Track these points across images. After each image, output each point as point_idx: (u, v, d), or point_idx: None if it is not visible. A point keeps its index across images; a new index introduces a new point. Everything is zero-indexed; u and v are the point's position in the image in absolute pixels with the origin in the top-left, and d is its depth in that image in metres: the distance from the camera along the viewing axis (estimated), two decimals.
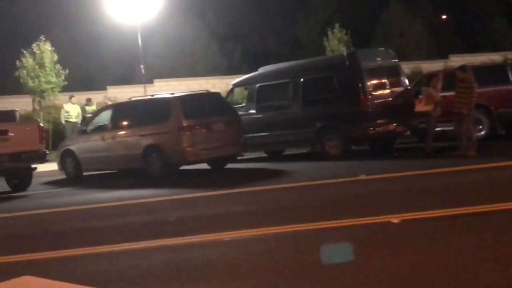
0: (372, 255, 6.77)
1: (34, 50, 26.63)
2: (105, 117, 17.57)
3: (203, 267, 6.96)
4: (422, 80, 18.35)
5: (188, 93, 17.44)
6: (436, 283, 5.59)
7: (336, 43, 31.63)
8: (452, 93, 15.13)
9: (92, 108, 24.72)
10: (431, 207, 8.77)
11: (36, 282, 6.67)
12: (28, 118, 24.05)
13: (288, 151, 18.86)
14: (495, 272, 5.75)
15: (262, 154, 18.84)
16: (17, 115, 17.32)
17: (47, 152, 16.59)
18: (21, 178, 16.35)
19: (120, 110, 17.39)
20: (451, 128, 15.44)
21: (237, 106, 18.20)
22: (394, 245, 7.17)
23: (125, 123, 16.62)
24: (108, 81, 35.40)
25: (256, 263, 6.93)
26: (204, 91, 18.46)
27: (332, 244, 7.04)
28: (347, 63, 16.45)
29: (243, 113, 17.56)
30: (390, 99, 16.20)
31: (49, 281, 6.64)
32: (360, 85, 15.79)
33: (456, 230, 7.67)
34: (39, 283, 6.62)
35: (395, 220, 8.16)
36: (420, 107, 15.56)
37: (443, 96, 15.64)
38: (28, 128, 16.20)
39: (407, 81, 17.49)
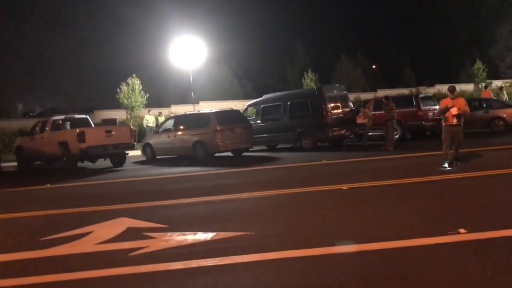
0: (330, 208, 6.73)
1: (128, 82, 26.65)
2: (170, 123, 17.49)
3: (229, 214, 6.93)
4: (360, 104, 18.24)
5: (220, 109, 17.34)
6: (367, 222, 5.53)
7: (309, 81, 31.57)
8: (380, 112, 15.12)
9: (161, 118, 24.66)
10: (368, 180, 8.74)
11: (128, 221, 6.66)
12: (123, 123, 24.01)
13: (280, 146, 18.76)
14: (401, 218, 5.70)
15: (264, 147, 18.73)
16: (117, 121, 17.30)
17: (135, 143, 16.55)
18: (119, 159, 16.28)
19: (179, 119, 17.26)
20: (379, 133, 15.45)
21: (250, 118, 18.09)
22: (344, 202, 7.13)
23: (182, 127, 16.47)
24: (172, 101, 35.28)
25: (261, 211, 6.91)
26: (230, 109, 18.42)
27: None
28: (316, 93, 16.45)
29: (253, 122, 17.46)
30: (342, 115, 16.13)
31: (138, 220, 6.64)
32: (324, 106, 15.77)
33: (384, 194, 7.63)
34: (130, 222, 6.61)
35: (344, 187, 8.10)
36: (359, 120, 15.57)
37: (374, 114, 15.57)
38: (123, 129, 16.19)
39: (351, 104, 17.40)
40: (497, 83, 33.03)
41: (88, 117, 17.90)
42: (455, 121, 9.37)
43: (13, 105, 49.06)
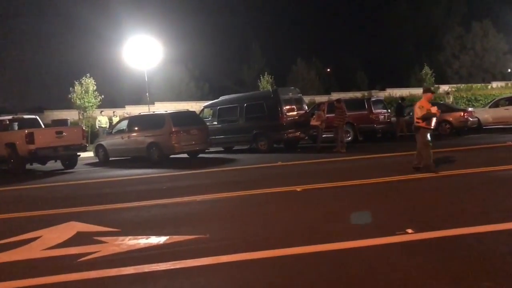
0: (285, 209, 6.80)
1: (82, 82, 25.88)
2: (123, 124, 17.11)
3: (183, 217, 6.88)
4: (315, 107, 18.58)
5: (175, 110, 17.15)
6: (319, 223, 5.63)
7: (265, 83, 31.79)
8: (333, 115, 15.45)
9: (116, 118, 24.08)
10: (321, 181, 8.89)
11: (78, 225, 6.47)
12: (75, 124, 23.29)
13: (236, 147, 18.77)
14: (347, 213, 5.85)
15: (220, 149, 18.68)
16: (69, 122, 16.76)
17: (87, 145, 16.09)
18: (70, 161, 15.75)
19: (133, 120, 16.91)
20: (331, 135, 15.75)
21: (206, 119, 17.99)
22: (297, 204, 7.22)
23: (136, 128, 16.17)
24: (126, 101, 34.55)
25: (216, 213, 6.89)
26: (185, 110, 18.27)
27: None
28: (272, 95, 16.56)
29: (209, 124, 17.37)
30: (297, 117, 16.32)
31: (88, 225, 6.45)
32: (279, 109, 15.91)
33: (337, 195, 7.79)
34: (80, 226, 6.42)
35: (298, 189, 8.21)
36: (313, 122, 15.84)
37: (327, 117, 15.88)
38: (75, 130, 15.72)
39: (306, 107, 17.66)
40: (444, 87, 34.56)
41: (37, 117, 17.24)
42: (433, 125, 9.30)
43: None
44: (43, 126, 16.70)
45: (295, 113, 16.34)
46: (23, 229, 6.35)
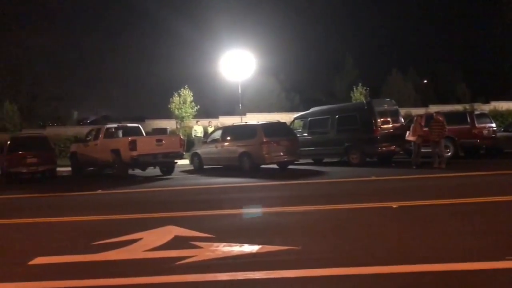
0: (379, 226, 6.55)
1: (180, 93, 27.37)
2: (217, 133, 17.74)
3: (275, 227, 6.89)
4: (411, 120, 17.75)
5: (267, 122, 17.41)
6: (418, 242, 5.32)
7: (358, 95, 31.13)
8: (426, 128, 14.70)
9: (211, 128, 24.97)
10: (419, 198, 8.45)
11: (176, 229, 6.76)
12: (173, 133, 24.56)
13: (326, 160, 18.55)
14: (454, 239, 5.44)
15: (310, 161, 18.57)
16: (168, 131, 17.74)
17: (184, 153, 16.87)
18: (168, 167, 16.64)
19: (227, 130, 17.47)
20: (429, 149, 14.91)
21: (296, 131, 18.02)
22: (393, 221, 6.92)
23: (229, 138, 16.67)
24: (220, 112, 35.84)
25: (307, 225, 6.81)
26: (276, 121, 18.46)
27: None
28: (366, 107, 16.16)
29: (300, 135, 17.38)
30: (392, 130, 15.74)
31: (185, 229, 6.73)
32: (373, 121, 15.47)
33: (435, 213, 7.32)
34: (178, 230, 6.70)
35: (394, 205, 7.87)
36: (409, 137, 15.08)
37: (424, 130, 15.08)
38: (173, 138, 16.59)
39: (402, 120, 16.96)
40: None
41: (140, 126, 18.47)
42: None
43: (69, 112, 51.37)
44: (144, 134, 17.85)
45: (390, 125, 15.78)
46: (126, 231, 6.78)
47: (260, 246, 5.55)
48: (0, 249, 6.28)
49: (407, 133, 15.32)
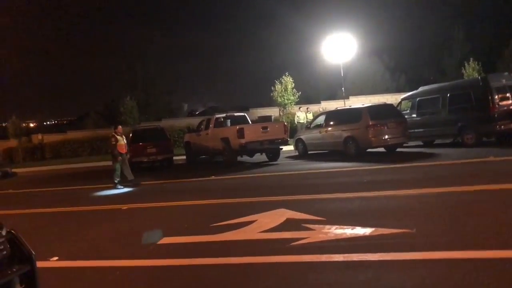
0: (503, 209, 6.08)
1: (282, 81, 27.70)
2: (321, 119, 17.65)
3: (387, 210, 6.76)
4: None
5: (372, 104, 16.93)
6: None
7: (471, 71, 28.85)
8: None
9: (309, 115, 24.80)
10: None
11: (288, 212, 6.95)
12: (277, 120, 24.96)
13: (437, 141, 17.55)
14: None
15: (420, 143, 17.71)
16: (272, 118, 18.08)
17: (288, 139, 17.10)
18: (274, 154, 17.02)
19: (330, 115, 17.31)
20: None
21: (404, 112, 17.26)
22: None
23: (332, 122, 16.52)
24: (321, 97, 35.59)
25: (421, 208, 6.55)
26: (382, 103, 17.86)
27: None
28: (481, 83, 14.94)
29: (408, 117, 16.60)
30: None
31: (296, 212, 6.89)
32: (490, 98, 14.26)
33: None
34: (290, 213, 6.89)
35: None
36: None
37: None
38: (277, 126, 16.84)
39: None
40: None
41: (246, 114, 19.10)
42: None
43: (179, 105, 54.59)
44: (250, 123, 18.42)
45: (509, 102, 14.42)
46: (240, 213, 7.14)
47: (373, 229, 5.50)
48: (133, 231, 6.99)
49: None
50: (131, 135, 18.40)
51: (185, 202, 9.21)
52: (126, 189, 12.53)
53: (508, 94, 14.52)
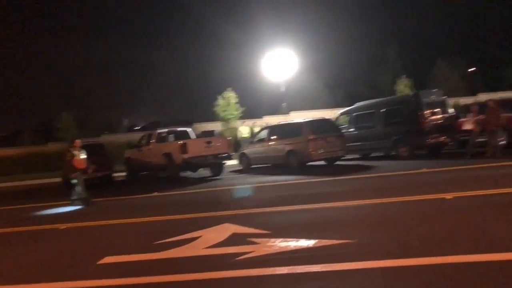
0: (434, 217, 6.45)
1: (224, 96, 27.82)
2: (263, 133, 17.90)
3: (329, 222, 6.93)
4: (462, 109, 17.14)
5: (312, 119, 17.38)
6: (474, 232, 5.21)
7: (403, 87, 30.49)
8: (483, 117, 14.15)
9: (256, 129, 25.02)
10: (474, 189, 8.22)
11: (233, 227, 6.94)
12: (221, 134, 24.94)
13: (373, 154, 18.31)
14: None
15: (357, 156, 18.38)
16: (215, 133, 18.07)
17: (232, 154, 17.13)
18: (218, 168, 16.97)
19: (273, 129, 17.58)
20: (481, 139, 14.38)
21: (342, 126, 17.90)
22: (449, 212, 6.78)
23: (275, 137, 16.79)
24: (263, 112, 36.03)
25: (362, 220, 6.79)
26: (322, 118, 18.40)
27: None
28: (412, 99, 15.86)
29: (346, 131, 17.25)
30: (441, 121, 15.34)
31: (241, 226, 6.91)
32: (421, 112, 15.13)
33: (493, 204, 7.11)
34: (235, 228, 6.89)
35: (448, 197, 7.72)
36: (467, 126, 14.52)
37: (481, 119, 14.49)
38: (221, 140, 16.81)
39: (451, 110, 16.46)
40: None
41: (188, 129, 18.95)
42: None
43: (119, 120, 53.23)
44: (194, 137, 18.29)
45: (439, 116, 15.37)
46: (185, 230, 7.04)
47: (316, 241, 5.63)
48: (72, 250, 6.70)
49: (463, 122, 14.79)
50: (68, 151, 17.62)
51: (128, 220, 8.95)
52: (75, 207, 11.90)
53: (437, 109, 15.48)
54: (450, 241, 5.21)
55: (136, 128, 58.36)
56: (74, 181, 12.16)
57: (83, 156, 12.46)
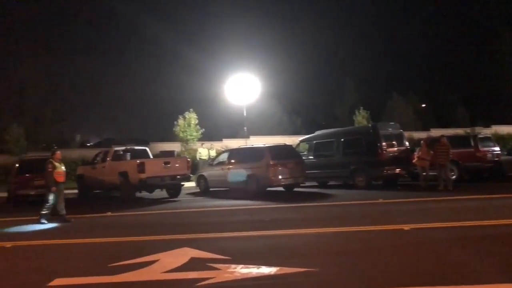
0: (394, 248, 6.56)
1: (185, 116, 27.59)
2: (224, 156, 17.82)
3: (291, 249, 6.90)
4: (416, 143, 17.85)
5: (272, 144, 17.51)
6: (434, 264, 5.34)
7: (361, 118, 31.40)
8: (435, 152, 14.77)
9: (212, 151, 24.91)
10: (430, 220, 8.50)
11: (192, 251, 6.78)
12: (179, 155, 24.59)
13: (331, 183, 18.57)
14: (469, 262, 5.46)
15: (314, 183, 18.58)
16: (175, 153, 17.78)
17: (190, 175, 16.88)
18: (175, 190, 16.65)
19: (232, 153, 17.56)
20: (433, 173, 14.95)
21: (302, 153, 18.09)
22: (408, 243, 6.92)
23: (235, 160, 16.72)
24: (223, 135, 36.02)
25: (322, 248, 6.79)
26: (282, 144, 18.58)
27: None
28: (371, 130, 16.32)
29: (305, 158, 17.44)
30: (397, 154, 15.84)
31: (201, 251, 6.75)
32: (379, 144, 15.58)
33: (449, 236, 7.33)
34: (194, 252, 6.72)
35: (405, 228, 7.89)
36: (417, 161, 15.10)
37: (431, 154, 15.14)
38: (179, 161, 16.53)
39: (407, 143, 17.06)
40: None
41: (147, 148, 18.55)
42: None
43: (71, 135, 51.51)
44: (151, 157, 17.90)
45: (395, 149, 15.87)
46: (141, 252, 6.80)
47: (278, 268, 5.57)
48: (19, 271, 6.29)
49: (415, 156, 15.35)
50: (17, 165, 16.85)
51: (80, 240, 8.56)
52: (51, 225, 11.03)
53: (394, 142, 16.00)
54: (410, 272, 5.30)
55: (89, 144, 56.64)
56: (51, 196, 11.34)
57: (63, 168, 11.81)
